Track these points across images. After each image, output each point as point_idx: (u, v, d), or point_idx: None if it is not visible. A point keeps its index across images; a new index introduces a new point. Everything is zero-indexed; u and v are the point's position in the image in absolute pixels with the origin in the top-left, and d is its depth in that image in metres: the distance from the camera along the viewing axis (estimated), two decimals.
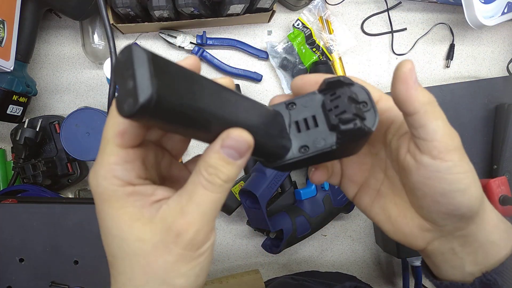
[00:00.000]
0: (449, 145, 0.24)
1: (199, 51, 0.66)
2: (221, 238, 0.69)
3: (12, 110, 0.58)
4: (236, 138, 0.21)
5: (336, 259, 0.71)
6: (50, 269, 0.51)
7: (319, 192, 0.62)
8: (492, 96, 0.62)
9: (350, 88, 0.25)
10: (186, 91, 0.19)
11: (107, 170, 0.22)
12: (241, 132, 0.21)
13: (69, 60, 0.68)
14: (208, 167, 0.22)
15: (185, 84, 0.19)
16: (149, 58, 0.18)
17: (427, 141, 0.24)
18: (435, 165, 0.24)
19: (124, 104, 0.18)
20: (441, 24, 0.70)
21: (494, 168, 0.61)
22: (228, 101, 0.22)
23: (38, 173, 0.59)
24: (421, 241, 0.29)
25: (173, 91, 0.18)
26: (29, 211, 0.51)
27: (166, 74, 0.19)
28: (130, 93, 0.18)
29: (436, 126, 0.23)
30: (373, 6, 0.70)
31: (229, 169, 0.22)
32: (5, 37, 0.53)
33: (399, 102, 0.24)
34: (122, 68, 0.18)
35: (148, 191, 0.23)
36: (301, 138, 0.26)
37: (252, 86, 0.69)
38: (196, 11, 0.59)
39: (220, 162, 0.22)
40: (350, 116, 0.24)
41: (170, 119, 0.19)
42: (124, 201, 0.22)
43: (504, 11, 0.61)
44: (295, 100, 0.27)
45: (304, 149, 0.26)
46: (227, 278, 0.64)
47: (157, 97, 0.17)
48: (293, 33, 0.66)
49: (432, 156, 0.24)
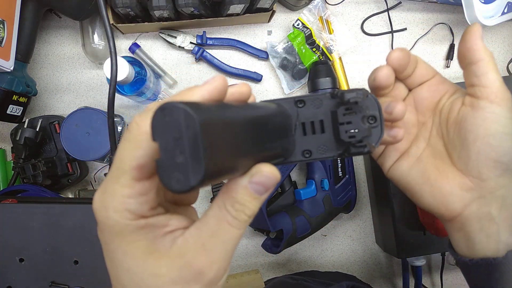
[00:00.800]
0: (503, 94, 0.27)
1: (199, 51, 0.66)
2: None
3: (12, 110, 0.58)
4: (267, 175, 0.21)
5: (336, 259, 0.71)
6: (50, 269, 0.51)
7: (319, 192, 0.62)
8: None
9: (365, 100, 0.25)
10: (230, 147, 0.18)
11: (120, 203, 0.21)
12: (271, 168, 0.21)
13: (69, 60, 0.68)
14: (235, 203, 0.21)
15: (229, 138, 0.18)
16: (200, 129, 0.16)
17: (487, 87, 0.27)
18: (492, 108, 0.27)
19: (172, 179, 0.16)
20: (441, 24, 0.70)
21: None
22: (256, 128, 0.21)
23: (38, 173, 0.59)
24: (460, 203, 0.29)
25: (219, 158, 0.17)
26: (29, 211, 0.51)
27: (214, 142, 0.17)
28: (179, 168, 0.16)
29: (495, 77, 0.27)
30: (373, 6, 0.70)
31: (255, 204, 0.21)
32: (5, 37, 0.53)
33: (466, 51, 0.28)
34: (168, 131, 0.16)
35: (161, 222, 0.22)
36: (305, 142, 0.26)
37: (252, 86, 0.69)
38: (196, 11, 0.59)
39: (247, 198, 0.21)
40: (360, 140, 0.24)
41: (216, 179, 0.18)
42: (136, 234, 0.21)
43: (504, 11, 0.61)
44: (304, 98, 0.26)
45: (307, 154, 0.26)
46: (227, 278, 0.64)
47: (206, 173, 0.16)
48: (293, 33, 0.66)
49: (489, 100, 0.27)
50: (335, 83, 0.63)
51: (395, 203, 0.59)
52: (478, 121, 0.27)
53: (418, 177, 0.31)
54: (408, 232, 0.59)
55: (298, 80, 0.68)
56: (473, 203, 0.29)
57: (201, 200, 0.68)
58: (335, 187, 0.62)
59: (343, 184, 0.62)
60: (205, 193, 0.68)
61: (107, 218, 0.21)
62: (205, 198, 0.68)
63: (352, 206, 0.65)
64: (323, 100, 0.26)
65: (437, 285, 0.71)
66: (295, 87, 0.68)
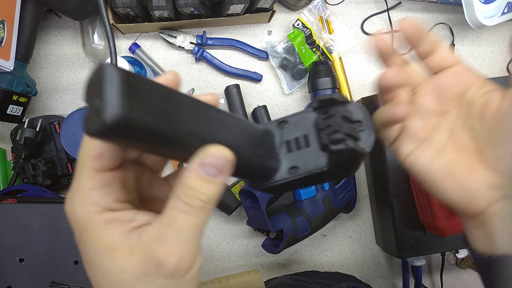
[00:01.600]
0: None
1: (199, 51, 0.66)
2: (221, 238, 0.69)
3: (12, 110, 0.58)
4: (214, 154, 0.20)
5: (336, 259, 0.71)
6: (50, 269, 0.51)
7: (319, 192, 0.62)
8: None
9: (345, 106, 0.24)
10: (161, 111, 0.18)
11: (84, 196, 0.21)
12: (219, 147, 0.20)
13: (69, 60, 0.68)
14: (185, 189, 0.20)
15: (160, 103, 0.19)
16: (121, 77, 0.17)
17: None
18: None
19: (90, 123, 0.17)
20: (441, 24, 0.70)
21: None
22: (207, 118, 0.21)
23: (38, 173, 0.59)
24: (485, 201, 0.28)
25: (145, 111, 0.17)
26: (29, 211, 0.51)
27: (139, 93, 0.18)
28: (97, 112, 0.17)
29: None
30: (373, 6, 0.70)
31: (209, 188, 0.20)
32: (5, 37, 0.53)
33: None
34: (93, 87, 0.17)
35: (128, 217, 0.22)
36: (291, 159, 0.25)
37: (252, 86, 0.69)
38: (196, 11, 0.59)
39: (199, 182, 0.20)
40: (341, 136, 0.23)
41: (142, 139, 0.18)
42: (102, 229, 0.21)
43: (504, 11, 0.61)
44: (287, 118, 0.26)
45: (294, 170, 0.24)
46: (227, 278, 0.64)
47: (125, 117, 0.16)
48: (293, 33, 0.66)
49: None
50: (335, 83, 0.63)
51: (395, 203, 0.59)
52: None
53: (441, 170, 0.29)
54: (408, 232, 0.59)
55: (298, 80, 0.68)
56: (499, 202, 0.28)
57: None
58: (335, 187, 0.62)
59: (343, 184, 0.62)
60: None
61: (73, 213, 0.22)
62: None
63: (352, 206, 0.65)
64: (306, 114, 0.25)
65: (437, 285, 0.71)
66: (295, 87, 0.68)
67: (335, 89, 0.63)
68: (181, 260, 0.21)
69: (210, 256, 0.69)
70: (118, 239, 0.21)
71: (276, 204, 0.63)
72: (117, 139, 0.18)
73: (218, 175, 0.21)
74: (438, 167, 0.29)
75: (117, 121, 0.16)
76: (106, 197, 0.21)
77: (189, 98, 0.21)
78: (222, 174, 0.21)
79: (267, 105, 0.67)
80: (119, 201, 0.22)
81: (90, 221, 0.21)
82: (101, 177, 0.21)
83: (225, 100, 0.67)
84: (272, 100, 0.69)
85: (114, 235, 0.21)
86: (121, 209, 0.22)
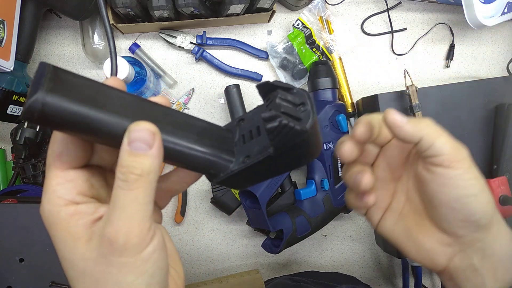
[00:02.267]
0: (457, 155, 0.27)
1: (199, 51, 0.66)
2: (221, 238, 0.69)
3: (12, 110, 0.58)
4: (136, 128, 0.21)
5: (336, 259, 0.71)
6: (50, 269, 0.51)
7: (319, 192, 0.62)
8: (492, 96, 0.62)
9: (288, 91, 0.25)
10: (85, 99, 0.20)
11: (50, 192, 0.23)
12: (140, 122, 0.21)
13: (69, 60, 0.68)
14: (121, 168, 0.21)
15: (86, 92, 0.20)
16: (50, 71, 0.20)
17: (438, 156, 0.27)
18: (448, 173, 0.27)
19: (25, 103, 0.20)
20: (441, 24, 0.70)
21: (494, 168, 0.61)
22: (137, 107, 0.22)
23: (38, 173, 0.59)
24: (443, 258, 0.30)
25: (68, 98, 0.20)
26: (29, 211, 0.51)
27: (65, 84, 0.20)
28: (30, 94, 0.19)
29: (441, 143, 0.27)
30: (373, 6, 0.70)
31: (141, 162, 0.21)
32: (5, 37, 0.53)
33: (403, 141, 0.27)
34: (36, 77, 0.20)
35: (91, 209, 0.23)
36: (245, 150, 0.25)
37: (252, 86, 0.69)
38: (196, 11, 0.59)
39: (130, 158, 0.21)
40: (273, 113, 0.22)
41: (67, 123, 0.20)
42: (67, 221, 0.23)
43: (504, 11, 0.61)
44: (244, 115, 0.27)
45: (247, 159, 0.25)
46: (227, 278, 0.65)
47: (43, 101, 0.19)
48: (293, 33, 0.66)
49: (444, 166, 0.27)
50: (335, 83, 0.63)
51: None
52: (438, 187, 0.28)
53: (402, 233, 0.31)
54: None
55: (298, 80, 0.68)
56: (456, 257, 0.29)
57: (201, 200, 0.68)
58: (335, 187, 0.62)
59: (343, 184, 0.62)
60: (205, 193, 0.68)
61: (43, 211, 0.23)
62: (205, 198, 0.68)
63: None
64: (260, 109, 0.26)
65: (437, 285, 0.71)
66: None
67: (335, 89, 0.63)
68: (128, 234, 0.21)
69: (210, 256, 0.69)
70: (81, 230, 0.23)
71: (276, 204, 0.63)
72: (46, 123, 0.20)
73: (147, 148, 0.21)
74: (399, 232, 0.32)
75: (35, 104, 0.19)
76: (70, 190, 0.23)
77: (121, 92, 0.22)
78: (151, 147, 0.21)
79: None
80: (82, 195, 0.24)
81: (57, 215, 0.23)
82: (64, 174, 0.23)
83: (225, 100, 0.67)
84: None
85: (78, 226, 0.23)
86: (85, 202, 0.23)
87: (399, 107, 0.61)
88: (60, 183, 0.23)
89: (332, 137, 0.61)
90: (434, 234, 0.30)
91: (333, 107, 0.61)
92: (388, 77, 0.70)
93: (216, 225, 0.69)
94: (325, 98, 0.62)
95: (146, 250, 0.22)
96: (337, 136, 0.61)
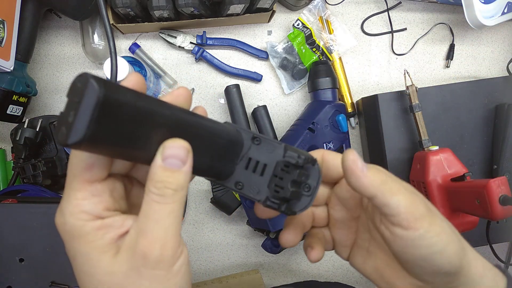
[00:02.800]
0: (415, 214, 0.25)
1: (199, 51, 0.66)
2: (221, 238, 0.69)
3: (12, 110, 0.58)
4: (172, 145, 0.21)
5: (336, 259, 0.71)
6: (50, 269, 0.51)
7: None
8: (492, 96, 0.62)
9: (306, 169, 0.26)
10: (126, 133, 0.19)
11: (74, 205, 0.22)
12: (174, 139, 0.22)
13: (69, 60, 0.68)
14: (156, 183, 0.21)
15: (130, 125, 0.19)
16: (99, 100, 0.18)
17: (394, 216, 0.25)
18: (408, 235, 0.25)
19: (59, 131, 0.18)
20: (441, 24, 0.70)
21: (494, 168, 0.61)
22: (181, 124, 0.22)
23: (38, 173, 0.59)
24: None
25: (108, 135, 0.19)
26: (29, 211, 0.51)
27: (111, 116, 0.18)
28: (66, 124, 0.18)
29: (397, 201, 0.25)
30: (373, 6, 0.70)
31: (176, 177, 0.22)
32: (5, 37, 0.53)
33: (356, 191, 0.26)
34: (74, 94, 0.18)
35: (117, 222, 0.23)
36: (243, 174, 0.27)
37: (252, 86, 0.69)
38: (196, 11, 0.59)
39: (165, 174, 0.21)
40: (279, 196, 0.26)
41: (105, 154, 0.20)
42: (93, 235, 0.22)
43: (504, 11, 0.61)
44: (262, 138, 0.27)
45: (240, 186, 0.27)
46: (227, 278, 0.65)
47: (88, 140, 0.18)
48: (293, 33, 0.66)
49: (403, 227, 0.25)
50: (335, 83, 0.63)
51: None
52: (401, 249, 0.27)
53: (373, 273, 0.31)
54: None
55: (298, 80, 0.68)
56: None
57: (201, 200, 0.68)
58: None
59: None
60: (205, 193, 0.68)
61: (64, 224, 0.22)
62: (205, 198, 0.68)
63: None
64: (277, 148, 0.27)
65: None
66: (295, 87, 0.68)
67: (335, 89, 0.63)
68: (163, 246, 0.21)
69: (210, 256, 0.69)
70: (108, 243, 0.22)
71: None
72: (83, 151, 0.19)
73: (182, 165, 0.22)
74: (370, 270, 0.31)
75: (79, 143, 0.18)
76: (96, 206, 0.22)
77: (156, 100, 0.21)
78: (185, 163, 0.22)
79: (267, 105, 0.67)
80: (108, 209, 0.23)
81: (81, 229, 0.22)
82: (91, 189, 0.22)
83: (225, 100, 0.67)
84: (272, 100, 0.69)
85: (104, 239, 0.22)
86: (111, 216, 0.23)
87: (399, 107, 0.61)
88: (86, 198, 0.22)
89: (332, 137, 0.61)
90: (406, 278, 0.29)
91: (333, 107, 0.61)
92: (388, 77, 0.70)
93: (216, 225, 0.69)
94: (325, 98, 0.62)
95: (177, 263, 0.22)
96: (337, 136, 0.61)
